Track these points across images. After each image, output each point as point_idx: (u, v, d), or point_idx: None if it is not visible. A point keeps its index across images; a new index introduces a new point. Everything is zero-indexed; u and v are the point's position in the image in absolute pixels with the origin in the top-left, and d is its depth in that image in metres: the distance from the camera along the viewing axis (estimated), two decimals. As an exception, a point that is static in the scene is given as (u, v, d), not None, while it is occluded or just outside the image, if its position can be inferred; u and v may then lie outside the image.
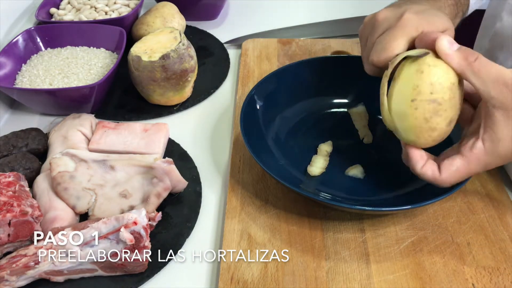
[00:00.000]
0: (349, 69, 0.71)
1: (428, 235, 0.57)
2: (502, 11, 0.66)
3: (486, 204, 0.60)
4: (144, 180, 0.60)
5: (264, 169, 0.57)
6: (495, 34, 0.68)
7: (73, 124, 0.67)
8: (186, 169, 0.65)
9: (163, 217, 0.57)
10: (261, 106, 0.68)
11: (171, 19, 0.84)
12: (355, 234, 0.57)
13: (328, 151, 0.66)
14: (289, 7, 1.03)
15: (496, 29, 0.67)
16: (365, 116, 0.70)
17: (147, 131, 0.67)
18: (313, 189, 0.61)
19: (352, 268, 0.53)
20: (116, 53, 0.80)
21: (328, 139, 0.68)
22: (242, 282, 0.52)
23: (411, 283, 0.52)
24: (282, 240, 0.56)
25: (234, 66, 0.86)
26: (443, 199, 0.53)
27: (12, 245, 0.54)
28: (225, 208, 0.61)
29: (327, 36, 0.91)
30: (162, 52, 0.69)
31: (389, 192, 0.61)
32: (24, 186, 0.57)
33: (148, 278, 0.53)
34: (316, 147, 0.67)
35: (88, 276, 0.53)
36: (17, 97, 0.73)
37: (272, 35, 0.91)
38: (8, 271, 0.50)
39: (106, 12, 0.86)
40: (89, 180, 0.60)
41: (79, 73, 0.75)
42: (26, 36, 0.79)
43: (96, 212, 0.58)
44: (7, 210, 0.52)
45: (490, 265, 0.53)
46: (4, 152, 0.63)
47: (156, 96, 0.74)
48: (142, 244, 0.51)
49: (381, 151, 0.67)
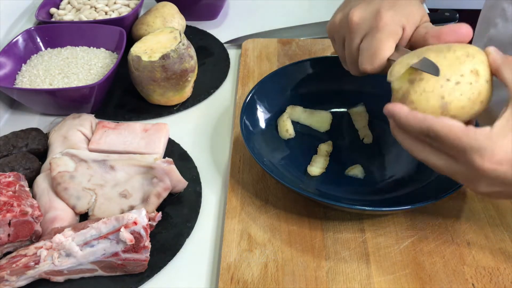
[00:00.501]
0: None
1: (428, 235, 0.57)
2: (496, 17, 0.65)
3: (486, 204, 0.60)
4: (144, 180, 0.60)
5: (264, 169, 0.57)
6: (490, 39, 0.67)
7: (73, 124, 0.67)
8: (186, 169, 0.65)
9: (163, 217, 0.57)
10: (261, 106, 0.68)
11: (171, 19, 0.84)
12: (355, 234, 0.57)
13: (328, 151, 0.66)
14: (289, 7, 1.03)
15: (490, 35, 0.67)
16: (365, 116, 0.70)
17: (147, 131, 0.67)
18: (313, 189, 0.62)
19: (352, 268, 0.53)
20: (116, 53, 0.80)
21: (328, 139, 0.68)
22: (242, 282, 0.52)
23: (411, 283, 0.52)
24: (282, 240, 0.56)
25: (234, 66, 0.86)
26: (443, 199, 0.53)
27: (12, 245, 0.54)
28: (225, 208, 0.61)
29: (327, 36, 0.91)
30: (162, 52, 0.69)
31: (389, 192, 0.61)
32: (24, 186, 0.57)
33: (148, 278, 0.53)
34: (316, 147, 0.67)
35: (88, 276, 0.53)
36: (17, 97, 0.73)
37: (272, 35, 0.91)
38: (8, 271, 0.50)
39: (106, 12, 0.86)
40: (89, 180, 0.60)
41: (79, 73, 0.75)
42: (26, 36, 0.79)
43: (96, 212, 0.58)
44: (7, 210, 0.52)
45: (490, 265, 0.53)
46: (4, 152, 0.63)
47: (156, 96, 0.74)
48: (142, 244, 0.51)
49: (381, 151, 0.67)
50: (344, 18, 0.56)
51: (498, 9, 0.65)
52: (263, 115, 0.68)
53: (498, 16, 0.65)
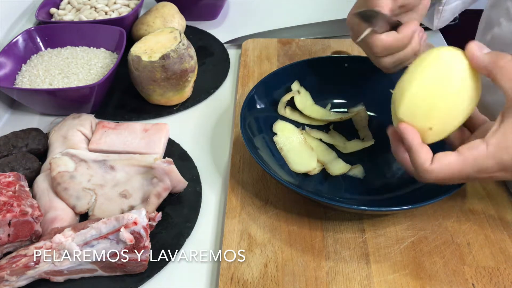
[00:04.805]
0: (349, 69, 0.71)
1: (428, 235, 0.57)
2: (500, 16, 0.65)
3: (486, 204, 0.60)
4: (144, 180, 0.60)
5: (264, 169, 0.57)
6: (493, 38, 0.67)
7: (73, 124, 0.67)
8: (186, 169, 0.65)
9: (163, 217, 0.57)
10: (261, 106, 0.68)
11: (171, 19, 0.84)
12: (355, 234, 0.57)
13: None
14: (289, 7, 1.03)
15: (494, 34, 0.66)
16: (365, 116, 0.70)
17: (147, 131, 0.67)
18: (313, 189, 0.62)
19: (352, 268, 0.53)
20: (116, 53, 0.80)
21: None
22: (242, 282, 0.52)
23: (411, 283, 0.52)
24: (282, 240, 0.56)
25: (234, 66, 0.86)
26: (443, 199, 0.53)
27: (12, 245, 0.53)
28: (225, 208, 0.61)
29: (327, 36, 0.91)
30: (162, 52, 0.69)
31: (389, 192, 0.61)
32: (24, 186, 0.57)
33: (148, 278, 0.53)
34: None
35: (88, 276, 0.53)
36: (17, 97, 0.73)
37: (272, 35, 0.91)
38: (8, 271, 0.50)
39: (106, 12, 0.86)
40: (89, 180, 0.60)
41: (79, 73, 0.75)
42: (26, 36, 0.79)
43: (96, 212, 0.58)
44: (7, 210, 0.52)
45: (490, 265, 0.53)
46: (4, 152, 0.63)
47: (156, 96, 0.74)
48: (142, 244, 0.51)
49: (381, 151, 0.66)
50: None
51: (502, 9, 0.65)
52: (263, 115, 0.68)
53: (501, 15, 0.65)
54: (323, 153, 0.66)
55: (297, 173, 0.63)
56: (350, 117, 0.70)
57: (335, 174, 0.62)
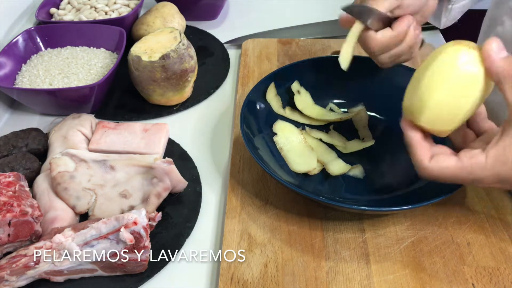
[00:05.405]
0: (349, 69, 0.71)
1: (428, 235, 0.57)
2: (503, 15, 0.65)
3: (486, 204, 0.60)
4: (144, 180, 0.60)
5: (264, 169, 0.57)
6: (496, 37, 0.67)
7: (73, 124, 0.67)
8: (186, 169, 0.65)
9: (163, 217, 0.57)
10: (261, 106, 0.68)
11: (171, 19, 0.84)
12: (355, 234, 0.57)
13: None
14: (289, 7, 1.03)
15: (497, 33, 0.67)
16: (365, 116, 0.70)
17: (147, 131, 0.67)
18: (313, 189, 0.62)
19: (352, 268, 0.53)
20: (116, 53, 0.80)
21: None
22: (242, 282, 0.52)
23: (411, 283, 0.52)
24: (282, 240, 0.56)
25: (234, 66, 0.86)
26: (443, 199, 0.53)
27: (12, 245, 0.53)
28: (225, 208, 0.61)
29: (327, 36, 0.91)
30: (162, 52, 0.69)
31: (389, 192, 0.61)
32: (24, 186, 0.57)
33: (148, 278, 0.53)
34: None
35: (88, 276, 0.53)
36: (17, 97, 0.73)
37: (272, 35, 0.91)
38: (8, 271, 0.50)
39: (106, 12, 0.86)
40: (89, 180, 0.60)
41: (79, 73, 0.75)
42: (26, 36, 0.79)
43: (96, 212, 0.58)
44: (7, 210, 0.52)
45: (490, 265, 0.53)
46: (4, 152, 0.63)
47: (156, 96, 0.74)
48: (142, 244, 0.51)
49: (381, 151, 0.67)
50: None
51: (506, 7, 0.65)
52: (263, 115, 0.68)
53: (505, 14, 0.65)
54: (323, 153, 0.66)
55: (297, 173, 0.63)
56: (350, 117, 0.70)
57: (335, 174, 0.62)
